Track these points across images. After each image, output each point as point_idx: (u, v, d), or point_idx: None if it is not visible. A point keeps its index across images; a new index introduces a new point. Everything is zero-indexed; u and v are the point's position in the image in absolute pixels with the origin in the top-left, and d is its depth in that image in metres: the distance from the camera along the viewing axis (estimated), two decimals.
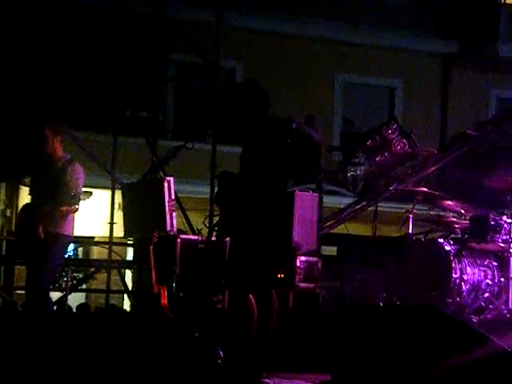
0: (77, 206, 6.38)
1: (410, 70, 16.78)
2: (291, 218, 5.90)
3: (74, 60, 14.24)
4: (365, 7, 16.47)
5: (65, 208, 6.33)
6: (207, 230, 7.06)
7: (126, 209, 8.44)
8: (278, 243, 5.25)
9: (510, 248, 7.00)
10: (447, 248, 7.20)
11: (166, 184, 7.69)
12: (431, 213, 8.08)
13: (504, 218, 7.13)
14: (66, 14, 14.22)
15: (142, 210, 7.90)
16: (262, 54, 15.84)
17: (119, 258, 10.44)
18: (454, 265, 7.05)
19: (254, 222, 5.18)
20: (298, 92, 15.56)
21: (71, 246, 10.75)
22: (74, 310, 10.52)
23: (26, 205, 6.65)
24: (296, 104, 15.00)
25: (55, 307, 8.54)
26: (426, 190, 7.67)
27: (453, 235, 7.49)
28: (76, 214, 6.59)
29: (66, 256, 8.99)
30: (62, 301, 9.44)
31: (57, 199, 6.33)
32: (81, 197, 6.46)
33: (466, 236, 7.25)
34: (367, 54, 16.45)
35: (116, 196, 9.40)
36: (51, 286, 7.34)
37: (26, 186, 6.79)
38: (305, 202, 6.64)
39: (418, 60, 16.78)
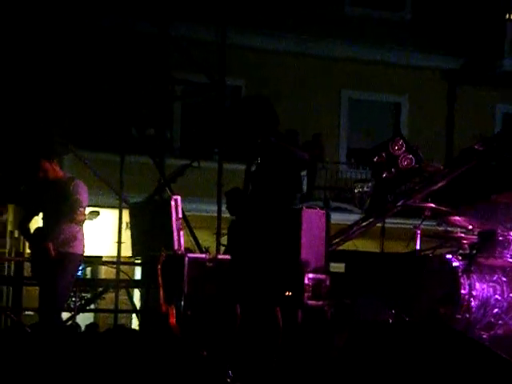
0: (82, 217, 6.41)
1: (415, 86, 16.81)
2: (299, 235, 5.89)
3: (80, 79, 14.32)
4: (370, 24, 16.53)
5: (72, 220, 6.37)
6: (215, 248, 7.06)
7: (134, 228, 8.44)
8: (286, 261, 5.24)
9: None
10: (455, 264, 7.18)
11: (173, 203, 7.69)
12: (439, 228, 8.06)
13: None
14: (73, 34, 14.32)
15: (149, 229, 7.90)
16: (268, 72, 15.90)
17: (127, 278, 10.43)
18: (462, 280, 7.02)
19: (262, 240, 5.18)
20: (303, 109, 15.59)
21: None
22: (83, 330, 10.52)
23: (38, 228, 6.70)
24: (302, 121, 15.03)
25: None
26: (433, 205, 7.66)
27: (461, 251, 7.46)
28: (85, 233, 6.62)
29: None
30: (71, 321, 9.43)
31: (63, 215, 6.38)
32: (86, 213, 6.50)
33: (475, 251, 7.23)
34: (373, 71, 16.49)
35: (123, 215, 9.41)
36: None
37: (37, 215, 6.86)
38: (312, 219, 6.63)
39: (424, 76, 16.82)
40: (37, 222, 6.90)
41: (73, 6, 14.21)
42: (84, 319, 11.93)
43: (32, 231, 6.71)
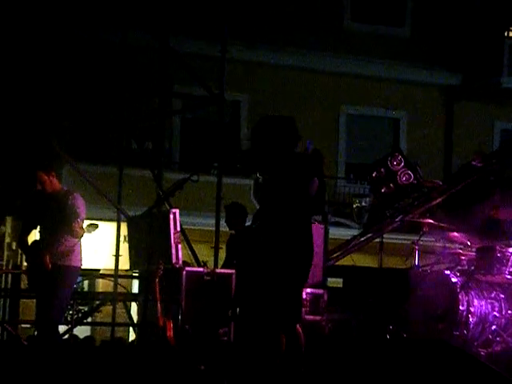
0: (80, 230, 6.40)
1: (414, 102, 16.85)
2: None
3: (79, 92, 14.34)
4: (369, 40, 16.58)
5: (69, 233, 6.36)
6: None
7: (132, 241, 8.44)
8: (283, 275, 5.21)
9: None
10: (454, 280, 7.17)
11: (171, 216, 7.69)
12: (437, 244, 8.06)
13: (510, 249, 7.11)
14: (73, 47, 14.35)
15: (147, 242, 7.90)
16: (267, 87, 15.93)
17: (125, 291, 10.41)
18: (460, 297, 7.02)
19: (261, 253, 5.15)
20: (302, 124, 15.57)
21: None
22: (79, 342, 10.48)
23: (35, 241, 6.68)
24: (301, 136, 15.02)
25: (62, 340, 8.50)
26: (431, 221, 7.66)
27: (459, 267, 7.46)
28: (83, 246, 6.61)
29: None
30: (68, 334, 9.40)
31: (61, 228, 6.37)
32: (86, 228, 6.48)
33: (473, 268, 7.22)
34: (372, 86, 16.53)
35: (122, 228, 9.40)
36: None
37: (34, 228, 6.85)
38: None
39: (423, 92, 16.86)
40: (35, 234, 6.89)
41: (74, 18, 14.25)
42: (81, 332, 11.89)
43: (29, 244, 6.69)
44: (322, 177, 5.24)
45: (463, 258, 7.46)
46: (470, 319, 6.98)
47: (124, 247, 9.05)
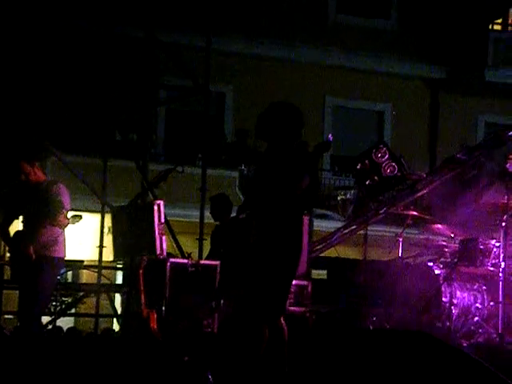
0: (65, 221, 6.37)
1: (399, 95, 16.89)
2: None
3: (63, 82, 14.27)
4: (355, 32, 16.59)
5: (54, 223, 6.33)
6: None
7: (116, 232, 8.41)
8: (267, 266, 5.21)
9: (499, 272, 7.01)
10: (437, 272, 7.22)
11: (155, 207, 7.67)
12: (421, 236, 8.10)
13: (493, 241, 7.15)
14: (58, 38, 14.27)
15: (131, 233, 7.87)
16: (253, 78, 15.92)
17: (108, 282, 10.39)
18: (443, 289, 7.06)
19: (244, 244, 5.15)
20: None
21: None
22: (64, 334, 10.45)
23: (18, 231, 6.65)
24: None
25: (45, 331, 8.49)
26: (415, 213, 7.70)
27: (442, 259, 7.50)
28: (67, 237, 6.59)
29: None
30: (51, 325, 9.38)
31: (44, 218, 6.34)
32: (70, 219, 6.45)
33: (456, 260, 7.27)
34: (357, 79, 16.55)
35: (106, 219, 9.37)
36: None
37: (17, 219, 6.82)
38: None
39: (407, 85, 16.89)
40: (16, 224, 6.85)
41: (58, 9, 14.16)
42: (64, 323, 11.86)
43: (12, 234, 6.66)
44: (316, 174, 5.21)
45: (446, 249, 7.50)
46: (453, 311, 7.03)
47: (108, 238, 9.02)
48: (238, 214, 5.49)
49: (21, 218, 6.72)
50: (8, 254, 7.08)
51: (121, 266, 10.07)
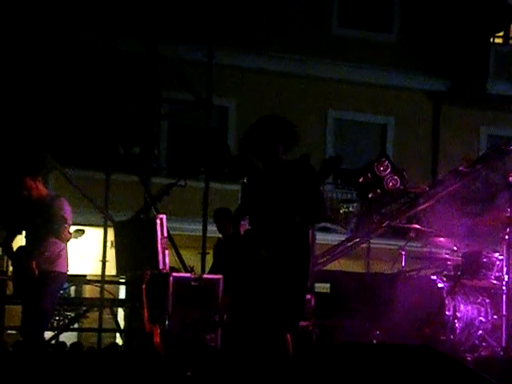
0: (68, 235, 6.37)
1: (401, 108, 16.91)
2: None
3: (66, 96, 14.30)
4: (357, 45, 16.63)
5: (57, 237, 6.33)
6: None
7: (119, 246, 8.42)
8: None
9: (502, 285, 7.00)
10: (440, 285, 7.19)
11: (158, 221, 7.69)
12: (424, 250, 8.08)
13: (496, 254, 7.14)
14: (61, 52, 14.32)
15: (134, 247, 7.88)
16: (255, 92, 15.95)
17: (111, 297, 10.38)
18: (447, 302, 7.04)
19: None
20: None
21: None
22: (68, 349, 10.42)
23: (21, 247, 6.65)
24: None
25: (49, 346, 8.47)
26: (418, 226, 7.69)
27: (445, 272, 7.48)
28: (69, 251, 6.58)
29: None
30: (54, 340, 9.36)
31: (47, 233, 6.35)
32: (72, 233, 6.45)
33: (459, 273, 7.25)
34: (359, 92, 16.58)
35: (108, 234, 9.37)
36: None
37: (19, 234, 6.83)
38: None
39: (410, 97, 16.92)
40: (19, 240, 6.85)
41: (63, 24, 14.21)
42: (67, 338, 11.84)
43: (15, 250, 6.66)
44: (315, 185, 5.19)
45: (449, 263, 7.49)
46: (457, 324, 7.01)
47: (111, 253, 9.02)
48: (236, 221, 5.47)
49: (24, 233, 6.72)
50: (11, 269, 7.07)
51: (124, 280, 10.05)
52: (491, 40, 17.00)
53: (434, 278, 7.30)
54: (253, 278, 5.07)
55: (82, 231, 6.49)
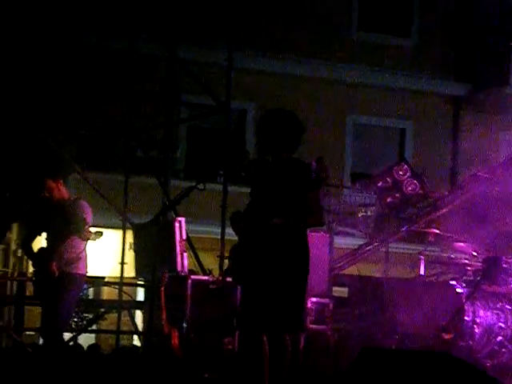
0: (89, 235, 6.40)
1: (420, 112, 16.85)
2: None
3: (87, 100, 14.38)
4: (376, 50, 16.60)
5: (81, 237, 6.36)
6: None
7: (137, 249, 8.45)
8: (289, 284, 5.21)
9: None
10: (459, 290, 7.16)
11: (177, 224, 7.70)
12: (443, 254, 8.05)
13: None
14: (82, 55, 14.40)
15: (153, 250, 7.90)
16: (274, 96, 15.93)
17: (130, 299, 10.41)
18: (466, 307, 7.00)
19: (269, 264, 5.14)
20: (309, 133, 15.54)
21: None
22: (85, 351, 10.48)
23: (41, 248, 6.69)
24: (307, 144, 14.99)
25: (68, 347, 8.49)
26: (437, 231, 7.66)
27: (465, 277, 7.44)
28: (88, 253, 6.62)
29: None
30: (73, 341, 9.39)
31: (67, 235, 6.38)
32: (92, 235, 6.48)
33: (479, 278, 7.21)
34: (378, 96, 16.54)
35: (127, 236, 9.40)
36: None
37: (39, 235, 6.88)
38: (315, 243, 6.63)
39: (429, 101, 16.85)
40: (39, 241, 6.89)
41: (83, 27, 14.30)
42: (85, 340, 11.89)
43: (35, 251, 6.70)
44: (309, 189, 5.22)
45: (469, 268, 7.44)
46: (476, 330, 6.97)
47: (129, 255, 9.06)
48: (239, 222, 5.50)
49: (44, 234, 6.76)
50: (30, 270, 7.11)
51: (142, 282, 10.08)
52: (511, 44, 16.91)
53: (453, 283, 7.26)
54: (260, 277, 5.07)
55: (100, 233, 6.52)
